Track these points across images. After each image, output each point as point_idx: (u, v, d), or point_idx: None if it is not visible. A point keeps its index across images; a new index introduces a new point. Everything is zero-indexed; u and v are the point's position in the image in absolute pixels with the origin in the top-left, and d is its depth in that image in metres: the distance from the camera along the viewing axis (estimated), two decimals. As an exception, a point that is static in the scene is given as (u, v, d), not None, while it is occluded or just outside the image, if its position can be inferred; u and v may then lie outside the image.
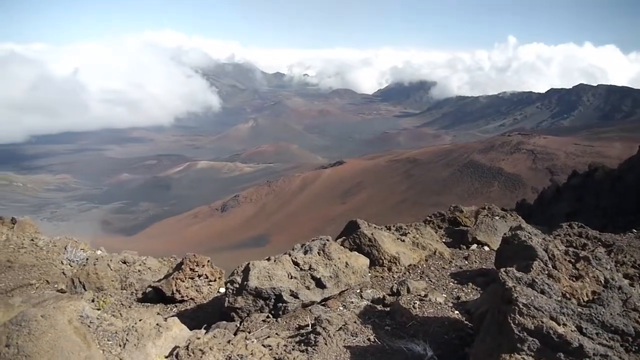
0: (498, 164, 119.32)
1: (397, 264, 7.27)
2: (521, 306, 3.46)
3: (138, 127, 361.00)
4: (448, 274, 7.16)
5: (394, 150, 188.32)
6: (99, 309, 5.63)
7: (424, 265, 7.49)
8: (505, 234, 5.36)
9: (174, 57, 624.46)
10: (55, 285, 9.20)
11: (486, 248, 8.55)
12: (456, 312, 5.56)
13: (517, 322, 3.42)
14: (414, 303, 5.66)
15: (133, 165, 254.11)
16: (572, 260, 4.12)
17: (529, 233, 4.80)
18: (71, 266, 11.99)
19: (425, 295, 5.89)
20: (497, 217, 9.46)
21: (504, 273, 3.84)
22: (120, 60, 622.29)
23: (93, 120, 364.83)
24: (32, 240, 13.96)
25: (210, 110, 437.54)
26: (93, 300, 7.58)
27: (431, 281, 6.86)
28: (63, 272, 10.46)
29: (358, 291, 6.36)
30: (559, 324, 3.40)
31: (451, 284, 6.74)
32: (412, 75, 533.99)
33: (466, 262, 7.77)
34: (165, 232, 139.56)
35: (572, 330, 3.39)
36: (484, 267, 7.52)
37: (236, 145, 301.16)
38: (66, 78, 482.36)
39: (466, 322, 5.16)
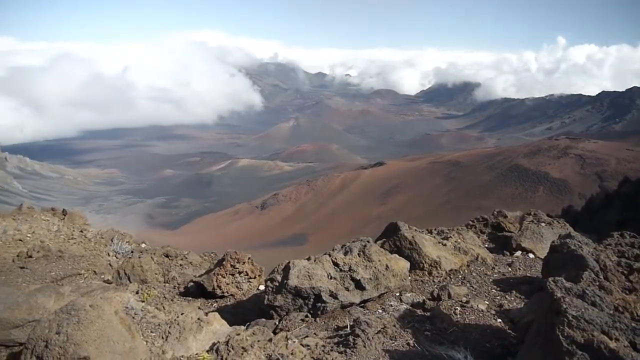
0: (544, 169, 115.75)
1: (438, 269, 7.15)
2: (570, 318, 3.32)
3: (182, 125, 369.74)
4: (490, 280, 6.98)
5: (435, 153, 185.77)
6: (143, 301, 5.78)
7: (466, 271, 7.34)
8: (553, 241, 5.18)
9: (218, 56, 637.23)
10: (102, 276, 9.50)
11: (531, 255, 8.30)
12: (499, 320, 5.41)
13: (565, 334, 3.29)
14: (455, 309, 5.55)
15: (176, 162, 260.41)
16: (625, 272, 3.94)
17: (579, 242, 4.62)
18: (117, 258, 12.38)
19: (467, 302, 5.76)
20: (543, 224, 9.17)
21: (552, 282, 3.71)
22: (166, 59, 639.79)
23: (140, 117, 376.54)
24: (81, 231, 14.50)
25: (252, 109, 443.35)
26: (137, 292, 7.78)
27: (473, 287, 6.71)
28: (109, 264, 10.80)
29: (397, 294, 6.29)
30: (610, 339, 3.25)
31: (494, 290, 6.57)
32: (455, 77, 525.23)
33: (510, 269, 7.55)
34: (205, 228, 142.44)
35: (625, 346, 3.24)
36: (528, 274, 7.30)
37: (277, 144, 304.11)
38: (116, 76, 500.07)
39: (509, 331, 5.02)
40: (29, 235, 13.34)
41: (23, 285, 8.21)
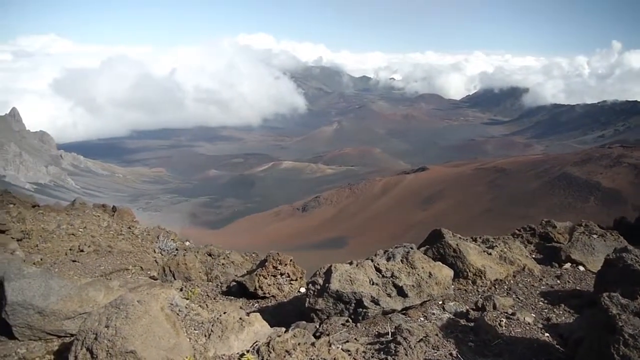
0: (595, 178, 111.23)
1: (483, 278, 6.98)
2: (627, 337, 3.16)
3: (228, 126, 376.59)
4: (538, 292, 6.75)
5: (480, 159, 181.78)
6: (187, 299, 5.90)
7: (512, 281, 7.13)
8: (608, 255, 4.96)
9: (264, 59, 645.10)
10: (148, 272, 9.79)
11: (581, 268, 7.98)
12: (546, 334, 5.23)
13: (621, 353, 3.14)
14: (500, 320, 5.40)
15: (221, 162, 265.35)
16: (687, 290, 3.73)
17: (637, 257, 4.40)
18: (162, 255, 12.71)
19: (513, 314, 5.60)
20: (595, 236, 8.80)
21: (607, 298, 3.54)
22: (214, 61, 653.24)
23: (188, 118, 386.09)
24: (129, 228, 14.98)
25: (296, 112, 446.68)
26: (181, 290, 7.97)
27: (519, 299, 6.51)
28: (155, 260, 11.11)
29: (440, 303, 6.17)
30: (669, 360, 3.08)
31: (541, 303, 6.35)
32: (503, 81, 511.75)
33: (558, 282, 7.29)
34: (247, 228, 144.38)
35: (685, 368, 3.06)
36: (578, 288, 7.02)
37: (320, 146, 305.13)
38: (165, 78, 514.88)
39: (558, 346, 4.83)
40: (80, 230, 13.88)
41: (75, 278, 8.55)
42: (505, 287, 6.92)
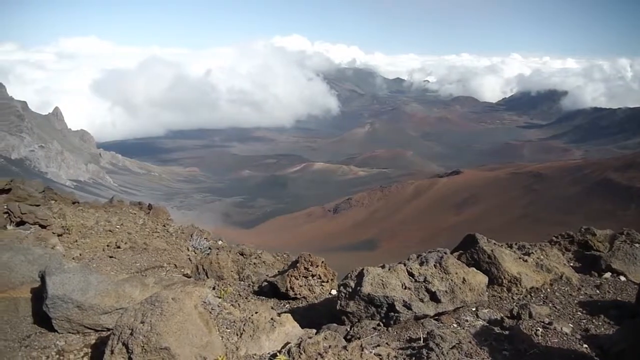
0: (637, 184, 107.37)
1: (518, 285, 6.81)
2: (672, 351, 3.04)
3: (261, 127, 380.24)
4: (576, 302, 6.55)
5: (516, 163, 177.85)
6: (220, 297, 5.97)
7: (548, 290, 6.93)
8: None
9: (297, 61, 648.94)
10: (182, 270, 9.95)
11: (622, 278, 7.69)
12: (584, 345, 5.06)
13: (666, 368, 3.01)
14: (536, 330, 5.26)
15: (254, 163, 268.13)
16: None
17: (683, 268, 4.21)
18: (195, 253, 12.91)
19: (550, 323, 5.44)
20: (637, 245, 8.48)
21: (650, 310, 3.41)
22: (248, 63, 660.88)
23: (221, 119, 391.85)
24: (164, 226, 15.28)
25: (329, 113, 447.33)
26: (214, 288, 8.07)
27: (556, 308, 6.33)
28: (189, 258, 11.28)
29: (474, 309, 6.06)
30: None
31: (579, 313, 6.15)
32: (540, 84, 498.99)
33: (598, 292, 7.04)
34: (278, 228, 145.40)
35: None
36: (619, 298, 6.77)
37: (352, 148, 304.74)
38: (200, 79, 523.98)
39: (597, 358, 4.67)
40: (117, 227, 14.24)
41: (111, 274, 8.78)
42: (542, 295, 6.74)
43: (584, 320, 5.88)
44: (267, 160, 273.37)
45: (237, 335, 5.06)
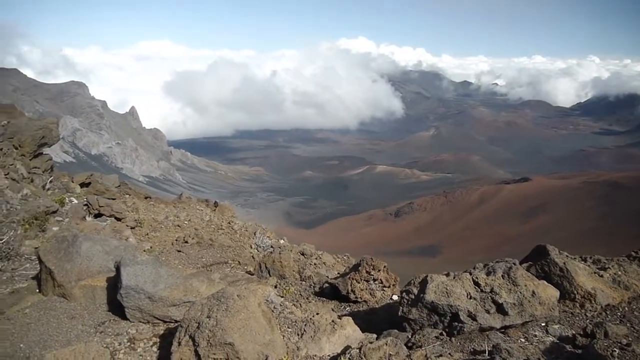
0: None
1: (592, 302, 6.43)
2: None
3: (324, 129, 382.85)
4: (657, 323, 6.10)
5: (590, 171, 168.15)
6: (282, 297, 6.06)
7: (626, 309, 6.49)
8: None
9: (362, 63, 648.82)
10: (245, 267, 10.18)
11: None
12: (667, 371, 4.70)
13: None
14: (613, 351, 4.92)
15: (316, 164, 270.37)
16: None
17: None
18: (258, 251, 13.18)
19: (628, 344, 5.09)
20: None
21: None
22: (312, 65, 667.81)
23: (286, 120, 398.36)
24: (229, 223, 15.70)
25: (392, 116, 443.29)
26: (276, 287, 8.21)
27: (634, 328, 5.92)
28: (252, 256, 11.53)
29: (543, 325, 5.78)
30: None
31: (661, 335, 5.73)
32: (619, 88, 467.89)
33: (682, 313, 6.53)
34: (339, 230, 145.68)
35: None
36: None
37: (416, 152, 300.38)
38: (266, 80, 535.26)
39: (680, 385, 4.33)
40: (185, 222, 14.80)
41: (179, 268, 9.13)
42: (619, 314, 6.32)
43: (667, 344, 5.47)
44: (330, 162, 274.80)
45: (298, 335, 5.11)
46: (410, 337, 5.50)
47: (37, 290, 6.18)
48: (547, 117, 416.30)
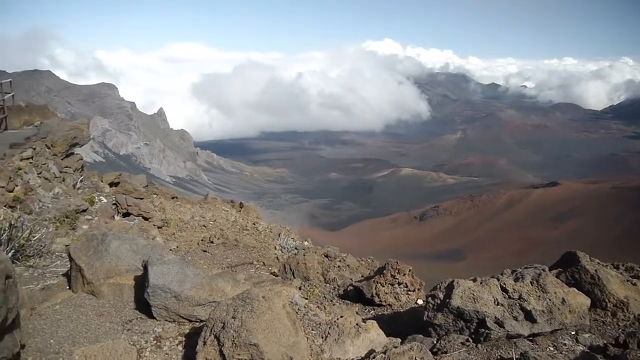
0: None
1: (625, 311, 6.24)
2: None
3: (349, 131, 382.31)
4: (694, 334, 5.88)
5: (622, 176, 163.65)
6: (306, 299, 6.06)
7: (661, 318, 6.29)
8: None
9: (387, 65, 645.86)
10: (270, 268, 10.22)
11: None
12: None
13: None
14: (646, 361, 4.78)
15: (341, 166, 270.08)
16: None
17: None
18: (282, 252, 13.22)
19: (663, 356, 4.93)
20: None
21: None
22: (338, 67, 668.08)
23: (311, 122, 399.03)
24: (254, 224, 15.80)
25: (419, 118, 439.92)
26: (300, 289, 8.22)
27: (669, 339, 5.72)
28: (277, 257, 11.57)
29: (573, 333, 5.63)
30: None
31: (698, 347, 5.52)
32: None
33: None
34: (363, 232, 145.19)
35: None
36: None
37: (442, 155, 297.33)
38: (291, 83, 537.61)
39: None
40: (211, 222, 14.95)
41: (205, 268, 9.22)
42: (653, 324, 6.13)
43: None
44: (355, 164, 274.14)
45: (322, 337, 5.10)
46: (435, 342, 5.43)
47: (67, 287, 6.31)
48: (578, 120, 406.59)
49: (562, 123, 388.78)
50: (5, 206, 9.07)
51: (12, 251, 6.97)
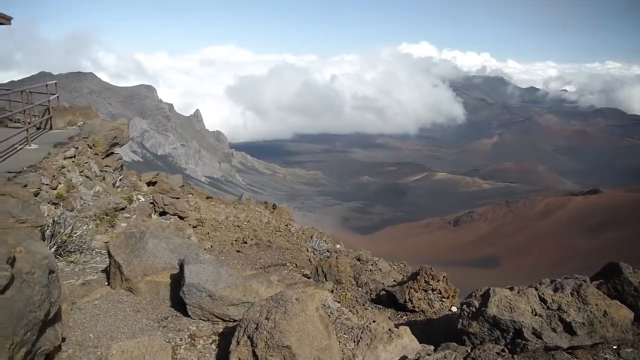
0: None
1: (671, 326, 5.99)
2: None
3: (384, 134, 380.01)
4: None
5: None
6: (338, 302, 6.05)
7: None
8: None
9: (423, 68, 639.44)
10: (302, 270, 10.25)
11: None
12: None
13: None
14: (694, 379, 4.57)
15: (375, 170, 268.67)
16: None
17: None
18: (314, 254, 13.24)
19: None
20: None
21: None
22: (373, 70, 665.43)
23: (345, 125, 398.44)
24: (287, 225, 15.88)
25: (454, 122, 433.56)
26: (332, 292, 8.20)
27: None
28: (309, 259, 11.59)
29: (615, 347, 5.43)
30: None
31: None
32: None
33: None
34: (395, 237, 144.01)
35: None
36: None
37: (477, 159, 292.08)
38: (325, 85, 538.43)
39: None
40: (245, 223, 15.10)
41: (238, 268, 9.32)
42: (701, 340, 5.85)
43: None
44: (388, 168, 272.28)
45: (354, 342, 5.08)
46: (469, 351, 5.33)
47: (106, 283, 6.49)
48: (621, 125, 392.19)
49: (604, 129, 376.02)
50: (49, 203, 9.39)
51: (55, 247, 7.20)
